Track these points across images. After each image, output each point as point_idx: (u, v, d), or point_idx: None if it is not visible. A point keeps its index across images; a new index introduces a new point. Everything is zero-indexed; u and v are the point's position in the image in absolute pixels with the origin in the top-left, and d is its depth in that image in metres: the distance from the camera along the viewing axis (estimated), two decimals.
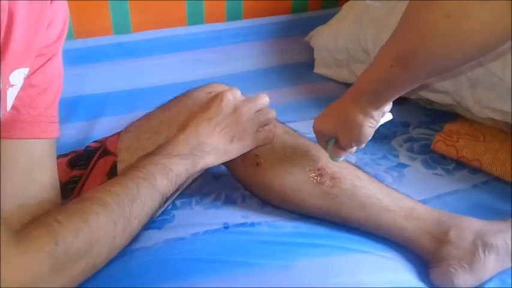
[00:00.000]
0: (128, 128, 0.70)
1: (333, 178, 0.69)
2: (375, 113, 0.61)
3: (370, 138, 0.64)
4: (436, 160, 0.88)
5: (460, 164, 0.86)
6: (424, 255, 0.68)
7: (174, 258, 0.65)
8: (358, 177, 0.70)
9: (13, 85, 0.47)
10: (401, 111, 1.03)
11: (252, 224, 0.71)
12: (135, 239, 0.56)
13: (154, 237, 0.68)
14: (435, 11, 0.46)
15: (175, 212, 0.73)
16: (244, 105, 0.67)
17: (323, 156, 0.71)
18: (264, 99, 0.69)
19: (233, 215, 0.73)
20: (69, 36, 1.26)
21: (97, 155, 0.66)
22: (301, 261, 0.65)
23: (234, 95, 0.68)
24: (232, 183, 0.78)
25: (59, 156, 0.69)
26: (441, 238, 0.67)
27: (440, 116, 0.99)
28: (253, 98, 0.69)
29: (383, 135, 0.94)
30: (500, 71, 0.80)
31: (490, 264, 0.65)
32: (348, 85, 1.11)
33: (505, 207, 0.78)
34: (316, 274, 0.63)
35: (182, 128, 0.64)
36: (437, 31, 0.47)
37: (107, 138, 0.70)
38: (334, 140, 0.67)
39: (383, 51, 0.55)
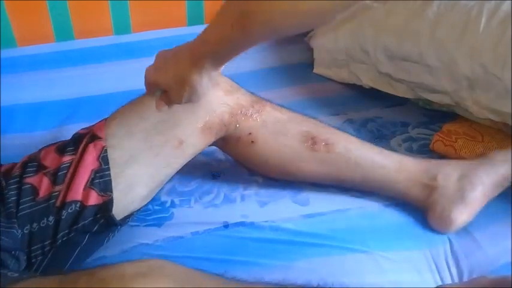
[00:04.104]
0: (114, 114, 0.70)
1: (326, 144, 0.73)
2: (213, 74, 0.61)
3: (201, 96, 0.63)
4: None
5: None
6: (418, 204, 0.73)
7: (174, 256, 0.65)
8: (349, 140, 0.75)
9: None
10: (400, 111, 1.03)
11: (252, 224, 0.71)
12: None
13: (154, 234, 0.69)
14: None
15: (173, 210, 0.74)
16: None
17: (314, 126, 0.74)
18: None
19: (233, 214, 0.73)
20: (70, 37, 1.26)
21: (85, 140, 0.66)
22: (301, 261, 0.65)
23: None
24: (231, 182, 0.78)
25: (46, 146, 0.69)
26: (431, 184, 0.72)
27: (439, 116, 0.99)
28: None
29: (382, 135, 0.95)
30: (499, 72, 0.80)
31: (479, 196, 0.71)
32: (347, 85, 1.11)
33: (502, 205, 0.78)
34: (316, 274, 0.64)
35: None
36: None
37: (94, 124, 0.70)
38: (162, 92, 0.66)
39: (224, 11, 0.53)
